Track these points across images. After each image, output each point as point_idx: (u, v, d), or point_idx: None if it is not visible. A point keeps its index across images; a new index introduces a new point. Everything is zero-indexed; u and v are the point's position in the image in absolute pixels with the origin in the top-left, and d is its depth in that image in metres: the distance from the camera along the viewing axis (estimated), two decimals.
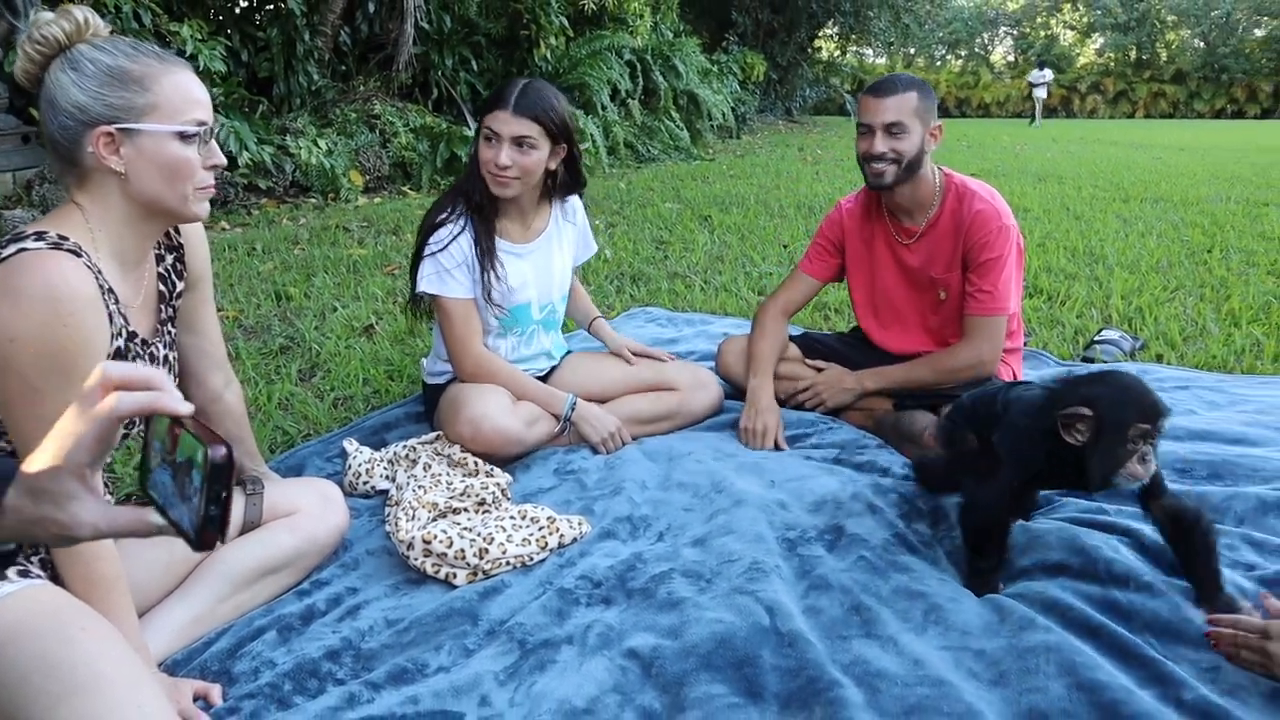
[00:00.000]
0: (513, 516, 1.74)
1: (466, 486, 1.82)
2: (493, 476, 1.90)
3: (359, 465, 1.98)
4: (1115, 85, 33.38)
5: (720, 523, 1.74)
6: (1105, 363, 2.84)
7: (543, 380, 2.23)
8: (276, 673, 1.33)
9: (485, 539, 1.62)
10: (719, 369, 2.47)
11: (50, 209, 1.69)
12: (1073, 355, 2.98)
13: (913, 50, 32.29)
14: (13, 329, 1.09)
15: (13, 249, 1.13)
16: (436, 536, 1.60)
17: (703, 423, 2.32)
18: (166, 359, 1.39)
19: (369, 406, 2.50)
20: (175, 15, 5.66)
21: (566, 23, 8.61)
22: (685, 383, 2.28)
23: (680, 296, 3.77)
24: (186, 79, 1.23)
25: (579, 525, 1.74)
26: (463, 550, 1.59)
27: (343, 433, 2.25)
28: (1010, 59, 37.99)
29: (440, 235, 2.04)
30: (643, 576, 1.57)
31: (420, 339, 3.02)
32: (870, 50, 24.65)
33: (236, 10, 6.82)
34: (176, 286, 1.42)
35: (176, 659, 1.37)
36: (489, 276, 2.05)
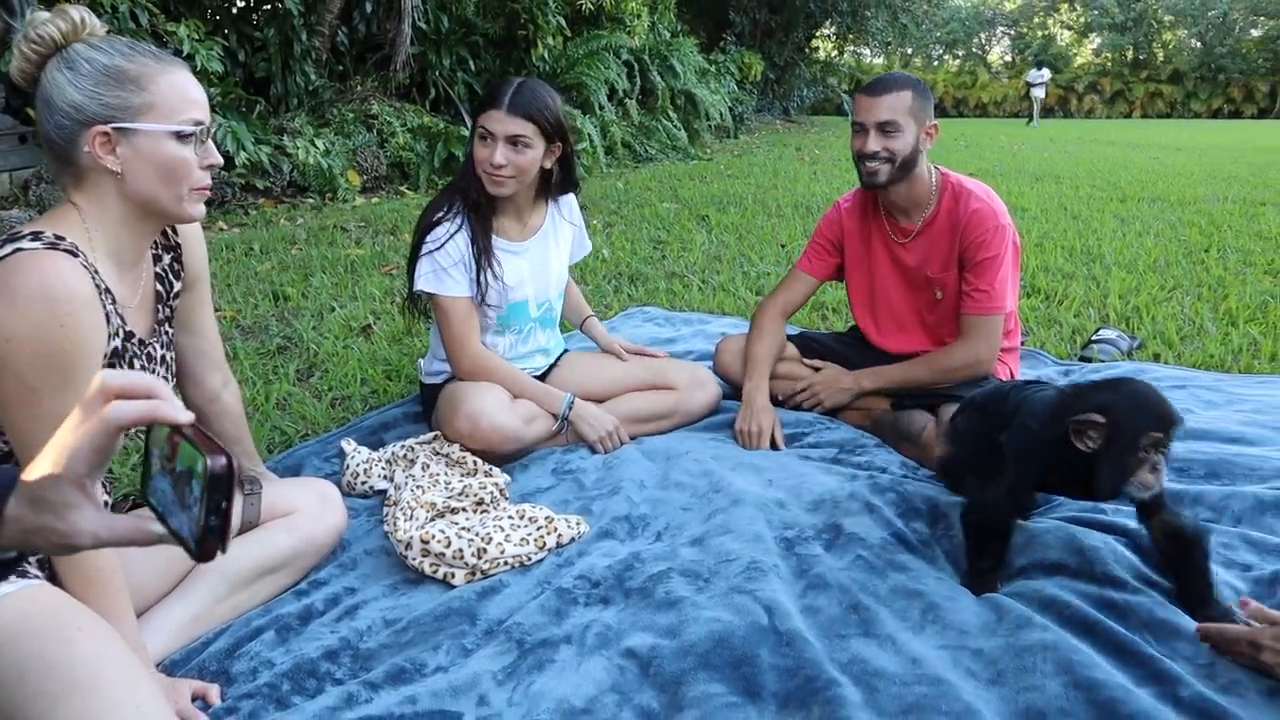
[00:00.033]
0: (511, 516, 1.74)
1: (464, 486, 1.82)
2: (491, 476, 1.90)
3: (357, 465, 1.98)
4: (1112, 85, 33.44)
5: (718, 522, 1.74)
6: (1103, 362, 2.85)
7: (541, 379, 2.23)
8: (275, 673, 1.32)
9: (483, 539, 1.62)
10: (717, 368, 2.47)
11: (47, 209, 1.69)
12: (1070, 355, 2.98)
13: (910, 50, 32.28)
14: (9, 329, 1.09)
15: (9, 249, 1.12)
16: (435, 536, 1.60)
17: (701, 422, 2.32)
18: (164, 359, 1.39)
19: (367, 406, 2.50)
20: (172, 15, 5.65)
21: (564, 22, 8.60)
22: (683, 381, 2.28)
23: (678, 296, 3.77)
24: (183, 79, 1.22)
25: (577, 525, 1.74)
26: (461, 550, 1.59)
27: (341, 433, 2.24)
28: (1007, 59, 38.04)
29: (437, 233, 2.04)
30: (641, 576, 1.57)
31: (418, 339, 3.01)
32: (868, 50, 24.67)
33: (233, 10, 6.80)
34: (174, 286, 1.42)
35: (175, 659, 1.37)
36: (486, 274, 2.05)
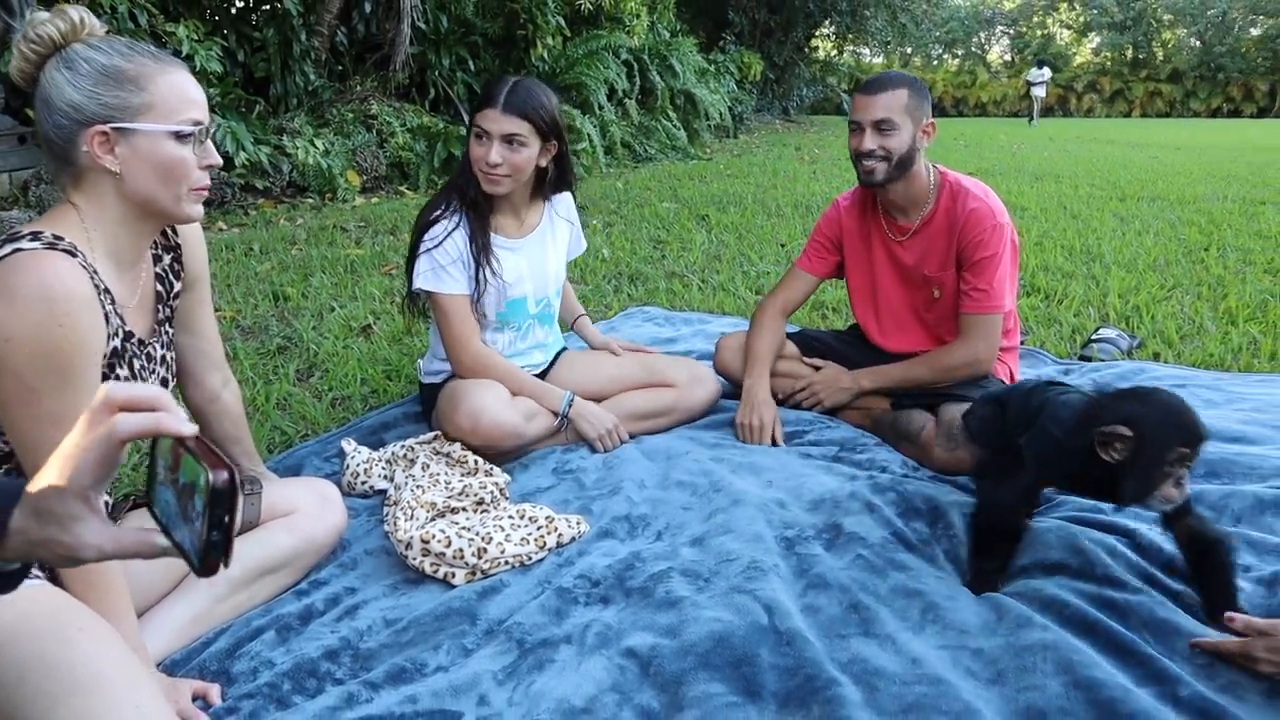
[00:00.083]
0: (511, 516, 1.74)
1: (465, 486, 1.82)
2: (491, 476, 1.90)
3: (357, 465, 1.98)
4: (1112, 84, 33.41)
5: (718, 522, 1.74)
6: (1102, 361, 2.85)
7: (540, 377, 2.24)
8: (275, 672, 1.32)
9: (484, 538, 1.62)
10: (717, 366, 2.47)
11: (47, 209, 1.69)
12: (1070, 354, 2.98)
13: (909, 49, 32.26)
14: (8, 329, 1.09)
15: (8, 249, 1.12)
16: (435, 536, 1.60)
17: (701, 419, 2.32)
18: (164, 359, 1.39)
19: (367, 406, 2.50)
20: (171, 15, 5.65)
21: (563, 22, 8.59)
22: (682, 378, 2.29)
23: (678, 296, 3.77)
24: (182, 78, 1.22)
25: (577, 524, 1.74)
26: (461, 550, 1.59)
27: (341, 433, 2.24)
28: (1007, 58, 38.02)
29: (435, 232, 2.05)
30: (641, 576, 1.57)
31: (418, 338, 3.01)
32: (867, 50, 24.65)
33: (233, 10, 6.80)
34: (174, 286, 1.42)
35: (175, 659, 1.37)
36: (484, 271, 2.05)
